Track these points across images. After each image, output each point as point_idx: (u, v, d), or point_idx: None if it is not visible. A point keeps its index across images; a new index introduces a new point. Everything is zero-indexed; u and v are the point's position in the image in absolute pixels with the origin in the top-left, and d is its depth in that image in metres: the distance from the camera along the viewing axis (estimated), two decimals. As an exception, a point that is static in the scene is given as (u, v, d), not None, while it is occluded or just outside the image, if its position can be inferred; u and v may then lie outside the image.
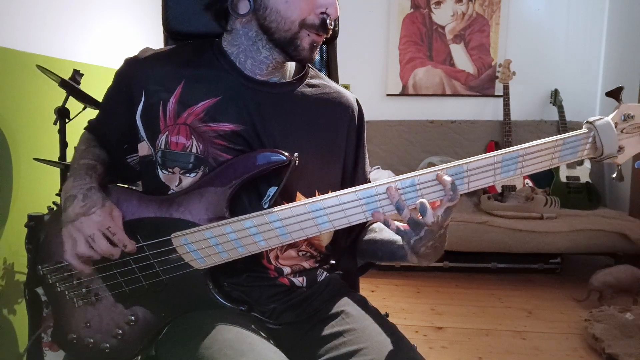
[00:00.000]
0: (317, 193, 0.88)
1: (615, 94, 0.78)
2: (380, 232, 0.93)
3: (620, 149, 0.77)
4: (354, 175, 0.97)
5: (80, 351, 0.88)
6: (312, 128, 0.89)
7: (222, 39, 0.89)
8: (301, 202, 0.76)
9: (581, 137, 0.77)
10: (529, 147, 0.75)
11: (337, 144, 0.93)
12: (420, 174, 0.73)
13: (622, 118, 0.77)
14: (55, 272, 0.87)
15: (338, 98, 0.94)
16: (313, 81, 0.93)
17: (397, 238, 0.84)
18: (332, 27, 0.83)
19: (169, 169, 0.85)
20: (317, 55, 0.87)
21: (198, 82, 0.85)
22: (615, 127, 0.76)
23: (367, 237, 0.95)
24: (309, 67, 0.95)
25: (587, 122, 0.77)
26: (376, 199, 0.74)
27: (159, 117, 0.84)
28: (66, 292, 0.87)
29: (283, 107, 0.87)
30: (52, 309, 0.92)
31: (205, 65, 0.87)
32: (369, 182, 0.96)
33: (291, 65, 0.92)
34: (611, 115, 0.77)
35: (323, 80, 0.96)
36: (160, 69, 0.86)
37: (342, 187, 0.94)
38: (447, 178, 0.71)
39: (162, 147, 0.84)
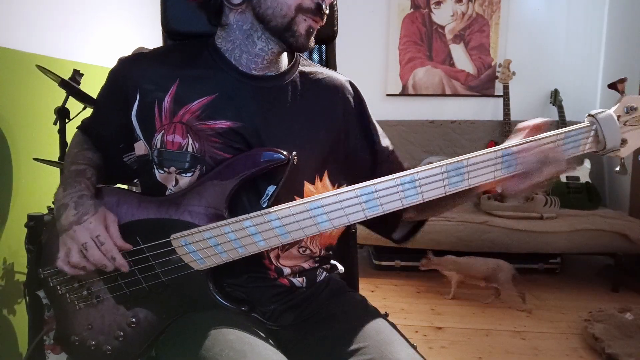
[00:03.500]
0: (317, 178, 0.88)
1: (617, 86, 0.76)
2: None
3: (624, 141, 0.76)
4: (375, 151, 0.95)
5: (82, 353, 0.87)
6: (309, 117, 0.89)
7: (215, 37, 0.89)
8: (300, 202, 0.76)
9: (583, 130, 0.75)
10: (530, 141, 0.73)
11: (335, 127, 0.92)
12: (420, 171, 0.73)
13: (625, 110, 0.75)
14: (56, 275, 0.86)
15: (331, 82, 0.94)
16: (305, 69, 0.93)
17: None
18: (326, 12, 0.84)
19: (164, 169, 0.84)
20: (313, 44, 0.86)
21: (193, 81, 0.85)
22: (618, 119, 0.75)
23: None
24: (299, 55, 0.94)
25: (589, 115, 0.76)
26: (375, 196, 0.74)
27: (155, 116, 0.84)
28: (67, 295, 0.87)
29: (278, 100, 0.87)
30: (54, 311, 0.91)
31: (200, 63, 0.87)
32: (390, 151, 0.96)
33: (284, 59, 0.92)
34: (614, 108, 0.76)
35: (314, 67, 0.96)
36: (154, 67, 0.86)
37: (373, 168, 0.94)
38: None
39: (158, 146, 0.84)
